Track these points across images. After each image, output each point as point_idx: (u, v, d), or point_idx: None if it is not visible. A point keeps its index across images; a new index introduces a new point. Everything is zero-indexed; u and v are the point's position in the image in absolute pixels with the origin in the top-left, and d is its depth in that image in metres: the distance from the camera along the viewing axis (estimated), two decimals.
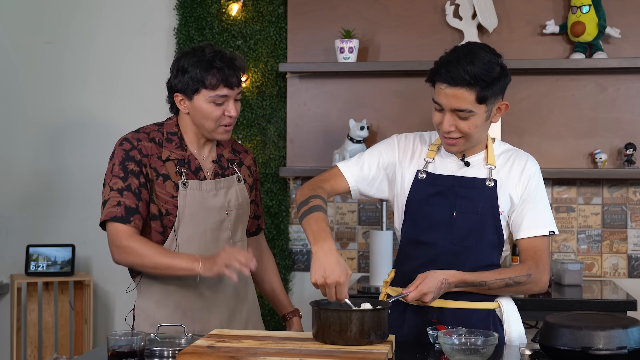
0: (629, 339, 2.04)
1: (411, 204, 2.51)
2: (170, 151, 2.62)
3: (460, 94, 2.34)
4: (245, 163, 2.79)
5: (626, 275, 4.04)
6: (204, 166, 2.67)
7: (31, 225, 4.36)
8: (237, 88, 2.60)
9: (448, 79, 2.34)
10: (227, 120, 2.61)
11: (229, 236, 2.67)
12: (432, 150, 2.53)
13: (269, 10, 4.15)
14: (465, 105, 2.34)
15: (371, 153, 2.58)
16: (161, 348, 2.21)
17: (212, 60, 2.57)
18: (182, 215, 2.59)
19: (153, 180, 2.59)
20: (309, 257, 4.23)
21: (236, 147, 2.81)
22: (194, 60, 2.59)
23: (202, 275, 2.48)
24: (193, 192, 2.60)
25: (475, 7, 3.95)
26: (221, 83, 2.56)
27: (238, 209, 2.69)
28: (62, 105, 4.36)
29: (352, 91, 4.14)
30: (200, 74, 2.57)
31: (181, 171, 2.61)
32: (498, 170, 2.48)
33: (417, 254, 2.48)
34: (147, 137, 2.62)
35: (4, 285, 4.35)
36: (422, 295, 2.33)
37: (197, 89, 2.59)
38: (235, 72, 2.59)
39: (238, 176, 2.72)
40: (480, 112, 2.37)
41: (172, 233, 2.60)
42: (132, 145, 2.59)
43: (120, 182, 2.56)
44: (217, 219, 2.64)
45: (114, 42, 4.33)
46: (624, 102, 3.99)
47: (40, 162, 4.38)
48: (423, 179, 2.50)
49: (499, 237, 2.48)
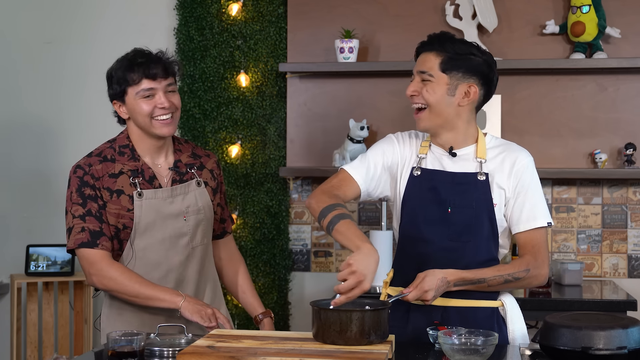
0: (629, 339, 2.04)
1: (407, 201, 2.52)
2: (122, 164, 2.62)
3: (427, 57, 2.49)
4: (207, 166, 2.77)
5: (626, 275, 4.04)
6: (159, 174, 2.66)
7: (31, 225, 4.36)
8: (163, 79, 2.59)
9: (424, 44, 2.52)
10: (161, 112, 2.59)
11: (188, 241, 2.66)
12: (424, 147, 2.55)
13: (269, 10, 4.15)
14: (428, 67, 2.47)
15: (374, 152, 2.58)
16: (161, 348, 2.21)
17: (132, 59, 2.61)
18: (138, 225, 2.58)
19: (107, 201, 2.58)
20: (309, 257, 4.23)
21: (197, 151, 2.79)
22: (117, 64, 2.64)
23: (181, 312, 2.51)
24: (149, 201, 2.59)
25: (475, 7, 3.95)
26: (143, 77, 2.57)
27: (197, 214, 2.67)
28: (62, 105, 4.36)
29: (352, 91, 4.14)
30: (123, 74, 2.60)
31: (135, 181, 2.60)
32: (488, 164, 2.49)
33: (415, 252, 2.49)
34: (98, 158, 2.63)
35: (4, 285, 4.35)
36: (423, 294, 2.33)
37: (124, 90, 2.61)
38: (158, 64, 2.59)
39: (197, 180, 2.70)
40: (440, 82, 2.46)
41: (128, 244, 2.59)
42: (84, 171, 2.60)
43: (80, 208, 2.57)
44: (175, 226, 2.63)
45: (114, 42, 4.32)
46: (624, 102, 3.99)
47: (40, 162, 4.38)
48: (418, 176, 2.51)
49: (494, 230, 2.48)
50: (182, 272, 2.66)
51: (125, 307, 2.63)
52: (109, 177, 2.60)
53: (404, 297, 2.35)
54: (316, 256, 4.23)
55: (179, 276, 2.65)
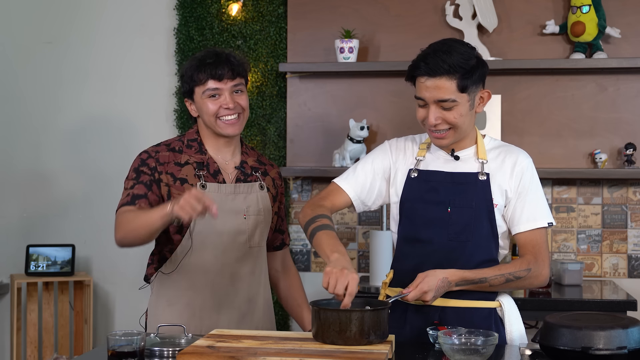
0: (629, 339, 2.04)
1: (405, 203, 2.52)
2: (189, 155, 2.68)
3: (441, 84, 2.38)
4: (270, 174, 2.82)
5: (626, 275, 4.04)
6: (224, 170, 2.70)
7: (31, 225, 4.36)
8: (229, 80, 2.64)
9: (428, 71, 2.38)
10: (226, 112, 2.64)
11: (246, 240, 2.68)
12: (423, 149, 2.55)
13: (269, 10, 4.15)
14: (448, 94, 2.38)
15: (364, 162, 2.60)
16: (161, 348, 2.21)
17: (202, 59, 2.65)
18: None
19: (170, 185, 2.62)
20: (309, 257, 4.23)
21: (262, 159, 2.84)
22: (189, 64, 2.69)
23: (176, 216, 2.36)
24: (211, 194, 2.62)
25: (475, 7, 3.95)
26: (209, 77, 2.62)
27: (257, 215, 2.70)
28: (62, 105, 4.36)
29: (352, 91, 4.14)
30: (191, 74, 2.65)
31: (200, 174, 2.64)
32: (489, 164, 2.49)
33: (415, 252, 2.49)
34: (166, 147, 2.69)
35: (4, 285, 4.35)
36: (422, 294, 2.33)
37: (192, 89, 2.66)
38: (225, 65, 2.62)
39: (261, 183, 2.74)
40: (463, 102, 2.40)
41: (187, 233, 2.62)
42: (149, 155, 2.67)
43: (132, 182, 2.63)
44: (235, 223, 2.66)
45: (114, 42, 4.33)
46: (624, 102, 3.99)
47: (40, 162, 4.38)
48: (415, 177, 2.52)
49: (494, 230, 2.48)
50: (237, 270, 2.68)
51: (175, 299, 2.65)
52: (175, 164, 2.65)
53: (404, 297, 2.35)
54: (316, 256, 4.23)
55: (233, 273, 2.67)
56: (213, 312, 2.65)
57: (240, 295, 2.69)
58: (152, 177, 2.62)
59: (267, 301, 2.81)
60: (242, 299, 2.70)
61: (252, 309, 2.73)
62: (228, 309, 2.67)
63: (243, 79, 2.69)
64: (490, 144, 2.55)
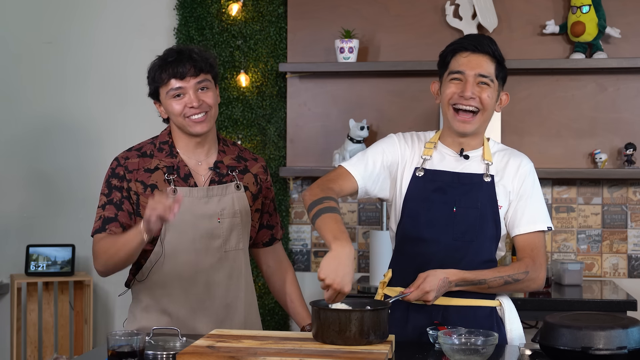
0: (629, 339, 2.04)
1: (409, 202, 2.51)
2: (159, 160, 2.61)
3: (484, 60, 2.47)
4: (251, 171, 2.72)
5: (626, 275, 4.04)
6: (197, 172, 2.63)
7: (31, 225, 4.36)
8: (192, 77, 2.54)
9: (474, 46, 2.47)
10: (191, 111, 2.55)
11: (221, 244, 2.61)
12: (429, 148, 2.54)
13: (269, 10, 4.15)
14: (487, 71, 2.45)
15: (374, 151, 2.56)
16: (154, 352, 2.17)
17: (164, 58, 2.58)
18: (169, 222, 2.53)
19: (140, 194, 2.57)
20: (308, 257, 4.23)
21: (244, 154, 2.75)
22: (152, 64, 2.61)
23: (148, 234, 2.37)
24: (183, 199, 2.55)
25: (475, 7, 3.95)
26: (171, 76, 2.54)
27: (233, 217, 2.62)
28: (62, 105, 4.36)
29: (352, 91, 4.14)
30: (154, 74, 2.58)
31: (170, 178, 2.58)
32: (495, 167, 2.51)
33: (417, 251, 2.48)
34: (137, 153, 2.63)
35: (4, 285, 4.35)
36: (424, 294, 2.33)
37: (157, 90, 2.60)
38: (187, 63, 2.54)
39: (237, 183, 2.65)
40: (495, 87, 2.48)
41: (158, 241, 2.56)
42: (118, 163, 2.62)
43: (104, 198, 2.60)
44: (208, 227, 2.59)
45: (113, 42, 4.33)
46: (624, 102, 3.99)
47: (40, 162, 4.38)
48: (421, 176, 2.51)
49: (497, 231, 2.49)
50: (212, 275, 2.61)
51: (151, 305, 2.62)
52: (145, 171, 2.59)
53: (405, 297, 2.35)
54: (316, 256, 4.23)
55: (207, 279, 2.60)
56: (189, 319, 2.58)
57: (217, 301, 2.62)
58: (121, 193, 2.56)
59: (251, 305, 2.73)
60: (218, 304, 2.62)
61: (230, 314, 2.65)
62: (204, 316, 2.60)
63: (209, 74, 2.58)
64: (494, 147, 2.57)
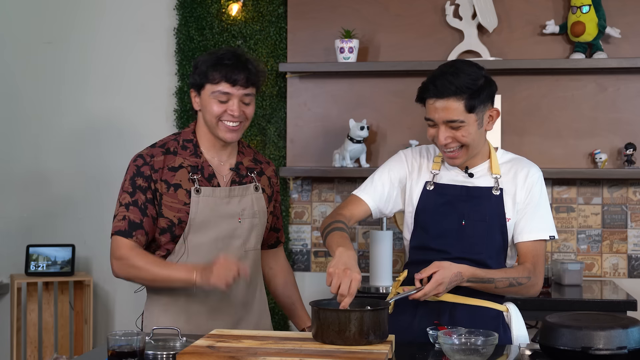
0: (629, 339, 2.04)
1: (421, 214, 2.57)
2: (183, 158, 2.63)
3: (449, 105, 2.44)
4: (266, 173, 2.78)
5: (626, 275, 4.04)
6: (219, 173, 2.66)
7: (31, 225, 4.36)
8: (241, 88, 2.57)
9: (436, 93, 2.45)
10: (229, 118, 2.58)
11: (241, 244, 2.65)
12: (437, 162, 2.61)
13: (269, 10, 4.15)
14: (456, 115, 2.44)
15: (381, 172, 2.65)
16: (154, 352, 2.17)
17: (221, 57, 2.59)
18: (193, 221, 2.58)
19: (163, 193, 2.59)
20: (308, 257, 4.23)
21: (258, 157, 2.80)
22: (206, 57, 2.62)
23: (197, 286, 2.50)
24: (206, 198, 2.60)
25: (475, 7, 3.95)
26: (223, 79, 2.56)
27: (252, 218, 2.67)
28: (62, 105, 4.36)
29: (352, 91, 4.14)
30: (206, 69, 2.58)
31: (194, 178, 2.61)
32: (503, 179, 2.55)
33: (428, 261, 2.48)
34: (161, 150, 2.64)
35: (4, 285, 4.35)
36: (437, 286, 2.34)
37: (203, 84, 2.60)
38: (242, 71, 2.57)
39: (256, 185, 2.71)
40: (471, 121, 2.45)
41: (181, 239, 2.59)
42: (144, 161, 2.62)
43: (128, 197, 2.59)
44: (230, 227, 2.63)
45: (114, 42, 4.33)
46: (624, 102, 3.99)
47: (40, 162, 4.38)
48: (432, 190, 2.57)
49: (505, 243, 2.53)
50: None
51: (170, 303, 2.63)
52: (169, 169, 2.61)
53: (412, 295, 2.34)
54: (316, 256, 4.23)
55: None
56: (208, 318, 2.62)
57: (236, 300, 2.66)
58: (145, 195, 2.57)
59: (263, 304, 2.79)
60: (237, 303, 2.67)
61: (247, 313, 2.70)
62: (223, 314, 2.64)
63: (255, 88, 2.63)
64: (502, 157, 2.60)
